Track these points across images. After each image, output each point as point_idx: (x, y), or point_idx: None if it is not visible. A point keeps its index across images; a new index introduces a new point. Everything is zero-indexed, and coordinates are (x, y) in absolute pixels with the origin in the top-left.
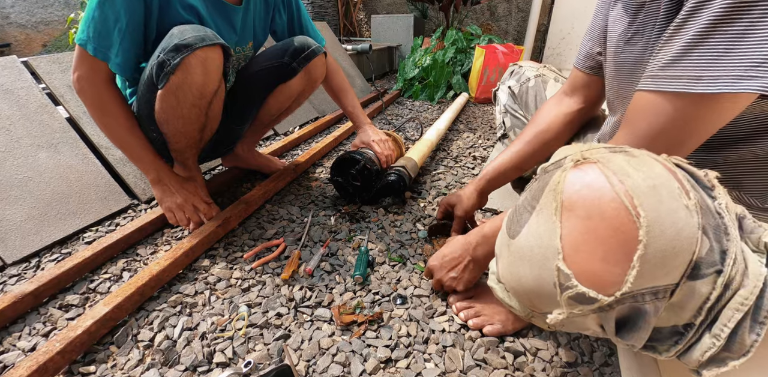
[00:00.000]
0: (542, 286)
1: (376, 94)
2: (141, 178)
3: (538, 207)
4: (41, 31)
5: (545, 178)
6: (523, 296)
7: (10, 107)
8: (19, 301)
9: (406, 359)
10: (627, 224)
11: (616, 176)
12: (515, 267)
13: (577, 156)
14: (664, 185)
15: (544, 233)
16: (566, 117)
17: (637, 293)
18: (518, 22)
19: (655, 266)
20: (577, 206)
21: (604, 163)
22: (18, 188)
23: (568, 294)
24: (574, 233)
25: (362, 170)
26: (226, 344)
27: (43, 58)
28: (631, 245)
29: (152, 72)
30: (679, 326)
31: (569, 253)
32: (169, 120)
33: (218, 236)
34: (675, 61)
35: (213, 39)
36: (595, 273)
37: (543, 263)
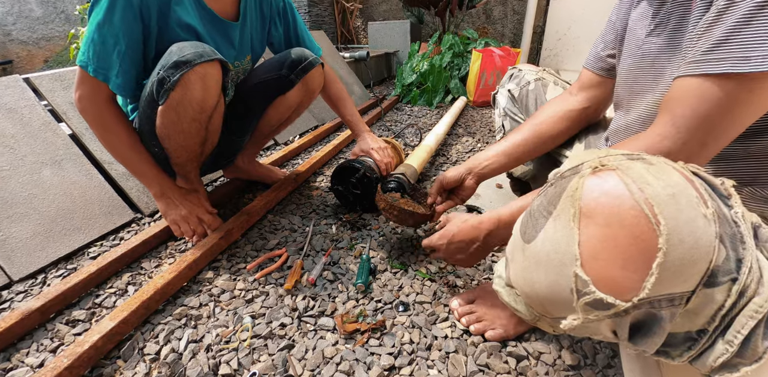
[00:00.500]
0: (558, 292)
1: (374, 100)
2: (144, 192)
3: (555, 213)
4: (42, 47)
5: (562, 184)
6: (536, 301)
7: (14, 125)
8: (26, 318)
9: (410, 366)
10: (647, 232)
11: (635, 184)
12: (529, 272)
13: (595, 163)
14: (683, 194)
15: (561, 239)
16: (566, 113)
17: (653, 299)
18: (514, 25)
19: (673, 274)
20: (596, 213)
21: (624, 170)
22: (23, 205)
23: (585, 300)
24: (592, 240)
25: (362, 178)
26: (231, 355)
27: (45, 76)
28: (651, 253)
29: (153, 89)
30: (692, 332)
31: (587, 259)
32: (171, 135)
33: (221, 248)
34: (719, 45)
35: (211, 55)
36: (613, 280)
37: (560, 269)
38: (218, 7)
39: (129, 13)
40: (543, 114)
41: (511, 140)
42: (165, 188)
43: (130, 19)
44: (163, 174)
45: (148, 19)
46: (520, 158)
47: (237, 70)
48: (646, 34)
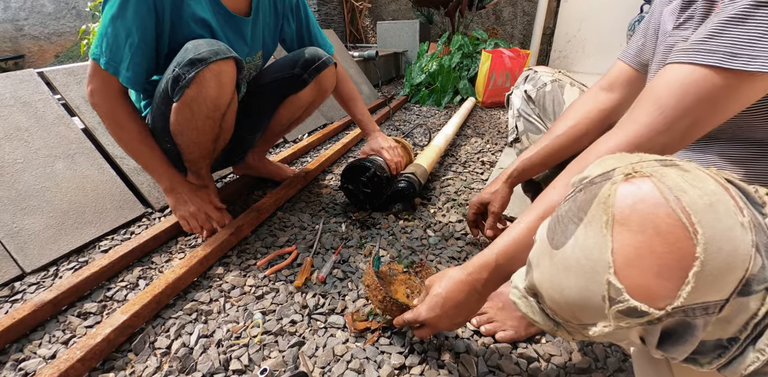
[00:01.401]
0: (588, 298)
1: (383, 100)
2: (155, 187)
3: (587, 219)
4: (54, 43)
5: (593, 190)
6: (563, 307)
7: (28, 119)
8: (39, 309)
9: (420, 365)
10: (684, 240)
11: (671, 192)
12: (558, 278)
13: (628, 169)
14: (720, 202)
15: (593, 246)
16: (600, 113)
17: (688, 308)
18: (524, 26)
19: (709, 283)
20: (631, 220)
21: (658, 177)
22: (36, 198)
23: (617, 308)
24: (626, 247)
25: (372, 177)
26: (241, 351)
27: (59, 71)
28: (688, 262)
29: (167, 85)
30: (723, 339)
31: (621, 267)
32: (184, 131)
33: (231, 244)
34: (712, 37)
35: (226, 53)
36: (647, 288)
37: (591, 276)
38: (231, 3)
39: (143, 6)
40: (576, 114)
41: (550, 147)
42: (175, 183)
43: (144, 12)
44: (173, 169)
45: (162, 13)
46: (555, 162)
47: (249, 67)
48: (673, 27)
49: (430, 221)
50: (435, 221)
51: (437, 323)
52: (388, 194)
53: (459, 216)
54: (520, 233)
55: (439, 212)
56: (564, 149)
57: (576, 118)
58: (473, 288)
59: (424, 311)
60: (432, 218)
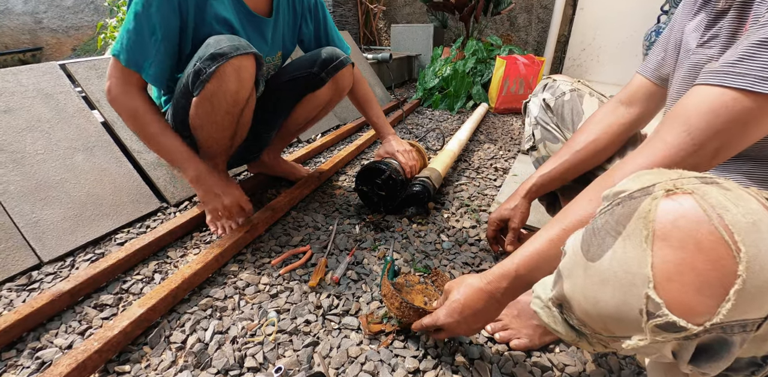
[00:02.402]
0: (625, 312)
1: (396, 102)
2: (170, 182)
3: (625, 233)
4: (71, 36)
5: (632, 204)
6: (596, 319)
7: (50, 110)
8: (57, 299)
9: (435, 370)
10: (726, 258)
11: (714, 210)
12: (593, 291)
13: (669, 185)
14: (763, 222)
15: (632, 260)
16: (620, 128)
17: (726, 324)
18: (538, 33)
19: (749, 301)
20: (672, 236)
21: (701, 195)
22: (55, 189)
23: (655, 322)
24: (667, 263)
25: (388, 179)
26: (256, 349)
27: (80, 64)
28: (729, 279)
29: (188, 80)
30: (758, 357)
31: (660, 282)
32: (204, 125)
33: (246, 242)
34: (743, 60)
35: (247, 48)
36: (687, 303)
37: (629, 290)
38: (253, 3)
39: (167, 5)
40: (596, 128)
41: (570, 162)
42: (202, 174)
43: (168, 11)
44: (198, 159)
45: (186, 13)
46: (574, 177)
47: (268, 66)
48: (697, 44)
49: (444, 226)
50: (449, 226)
51: (455, 328)
52: (403, 198)
53: (473, 222)
54: (543, 245)
55: (453, 217)
56: (583, 163)
57: (596, 132)
58: (492, 297)
59: (443, 316)
60: (446, 222)
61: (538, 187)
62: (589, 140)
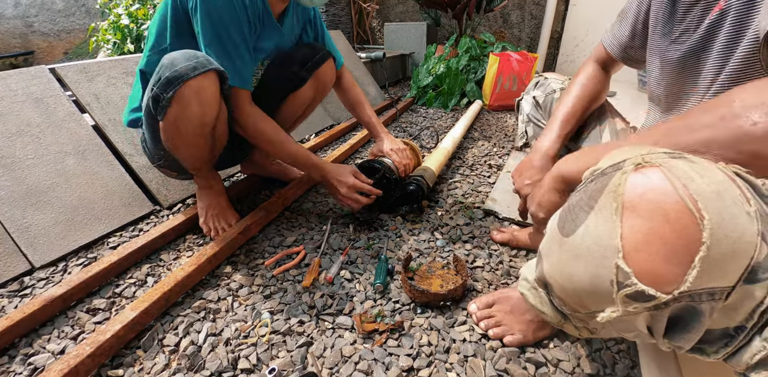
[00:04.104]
0: (597, 284)
1: (390, 101)
2: (163, 185)
3: (597, 207)
4: (63, 40)
5: (603, 180)
6: (572, 294)
7: (40, 115)
8: (48, 304)
9: (428, 368)
10: (691, 226)
11: (679, 180)
12: (568, 265)
13: (638, 159)
14: (727, 191)
15: (603, 232)
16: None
17: (694, 292)
18: (531, 30)
19: (714, 268)
20: (640, 207)
21: (668, 167)
22: (46, 194)
23: (625, 292)
24: (636, 233)
25: (381, 178)
26: (250, 350)
27: (70, 67)
28: (694, 247)
29: (149, 104)
30: (730, 328)
31: (629, 252)
32: (178, 147)
33: (239, 243)
34: None
35: (206, 65)
36: (655, 272)
37: (600, 262)
38: (275, 11)
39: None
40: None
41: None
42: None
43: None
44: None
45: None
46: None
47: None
48: (671, 41)
49: (438, 224)
50: (442, 224)
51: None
52: (397, 196)
53: (466, 219)
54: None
55: (447, 214)
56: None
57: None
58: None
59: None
60: (439, 220)
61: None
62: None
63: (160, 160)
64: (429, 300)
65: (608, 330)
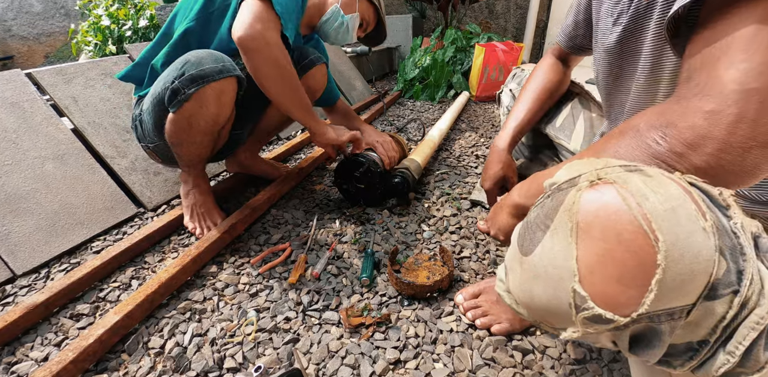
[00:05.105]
0: (556, 306)
1: (376, 96)
2: (147, 186)
3: (552, 227)
4: (43, 43)
5: (558, 196)
6: (535, 312)
7: (16, 119)
8: (30, 312)
9: (415, 360)
10: (645, 247)
11: (633, 198)
12: (528, 285)
13: (593, 176)
14: (681, 207)
15: (558, 253)
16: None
17: (653, 314)
18: (517, 19)
19: (672, 290)
20: (593, 227)
21: (621, 184)
22: (26, 200)
23: (583, 315)
24: (590, 255)
25: (366, 172)
26: (236, 349)
27: (46, 71)
28: (649, 269)
29: (164, 94)
30: (693, 342)
31: (585, 275)
32: (182, 142)
33: (225, 243)
34: None
35: (231, 70)
36: (611, 296)
37: (558, 284)
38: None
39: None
40: (548, 77)
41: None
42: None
43: None
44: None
45: None
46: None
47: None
48: (612, 23)
49: (425, 216)
50: (429, 216)
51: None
52: (382, 190)
53: (453, 210)
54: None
55: (434, 206)
56: (543, 109)
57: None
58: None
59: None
60: (426, 212)
61: (513, 138)
62: (545, 88)
63: (152, 143)
64: (415, 291)
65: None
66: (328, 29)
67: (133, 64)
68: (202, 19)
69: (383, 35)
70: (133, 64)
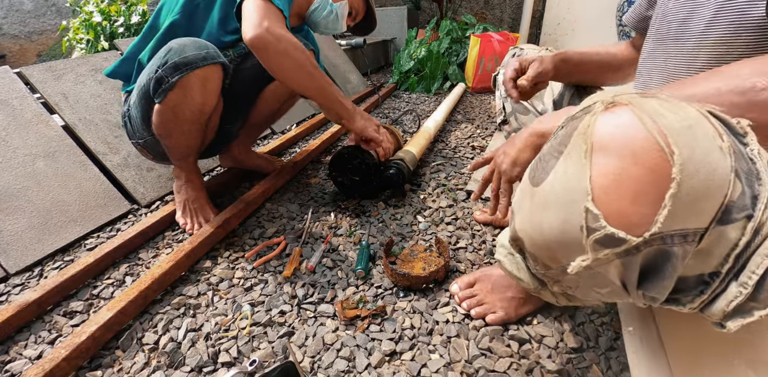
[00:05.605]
0: (567, 231)
1: (372, 88)
2: (140, 182)
3: (567, 151)
4: (35, 41)
5: (573, 124)
6: (544, 247)
7: (5, 117)
8: (23, 310)
9: (411, 351)
10: (660, 162)
11: (649, 117)
12: (538, 216)
13: (608, 101)
14: (699, 126)
15: (572, 175)
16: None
17: (666, 234)
18: (513, 10)
19: (686, 207)
20: (609, 146)
21: (637, 105)
22: (17, 198)
23: (595, 237)
24: (604, 173)
25: (361, 164)
26: (230, 343)
27: (36, 68)
28: (664, 184)
29: (149, 84)
30: (705, 274)
31: (598, 194)
32: (171, 134)
33: (219, 237)
34: None
35: (215, 57)
36: (624, 214)
37: (570, 206)
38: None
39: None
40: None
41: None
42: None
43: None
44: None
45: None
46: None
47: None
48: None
49: (420, 207)
50: (425, 207)
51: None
52: (377, 182)
53: (449, 201)
54: None
55: (429, 197)
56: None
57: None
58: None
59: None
60: (422, 204)
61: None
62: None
63: (141, 139)
64: (411, 283)
65: (584, 290)
66: (317, 18)
67: (120, 59)
68: (188, 11)
69: (373, 24)
70: (121, 59)
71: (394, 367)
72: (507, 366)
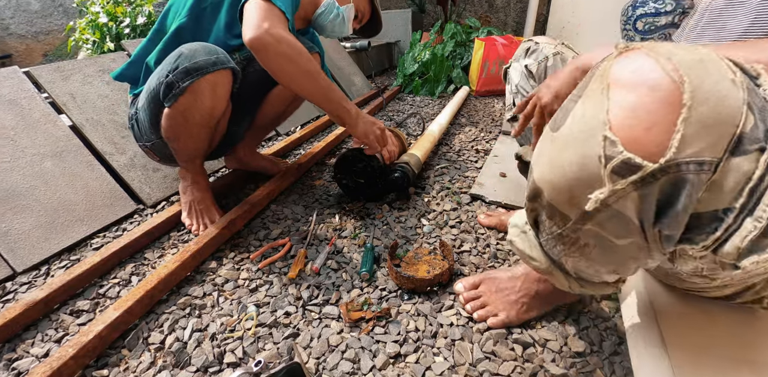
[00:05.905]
0: (586, 165)
1: (376, 91)
2: (146, 183)
3: (585, 94)
4: (41, 41)
5: (593, 72)
6: (564, 190)
7: (14, 117)
8: (30, 308)
9: (415, 353)
10: (673, 92)
11: (662, 56)
12: (558, 159)
13: (623, 45)
14: (711, 61)
15: (590, 112)
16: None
17: (681, 161)
18: (517, 13)
19: (698, 132)
20: (625, 82)
21: (651, 48)
22: (25, 197)
23: (612, 164)
24: (621, 106)
25: (366, 167)
26: (236, 344)
27: (44, 68)
28: (676, 111)
29: (159, 88)
30: (719, 210)
31: (615, 124)
32: (179, 138)
33: (224, 238)
34: None
35: (225, 63)
36: (641, 142)
37: (588, 139)
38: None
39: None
40: None
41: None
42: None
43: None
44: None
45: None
46: None
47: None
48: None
49: (425, 210)
50: (429, 210)
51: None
52: (382, 185)
53: (453, 204)
54: None
55: (434, 200)
56: None
57: None
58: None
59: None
60: (426, 207)
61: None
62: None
63: (149, 142)
64: (415, 285)
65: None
66: (323, 22)
67: (127, 62)
68: (195, 15)
69: (379, 26)
70: (128, 62)
71: (399, 369)
72: (511, 369)
